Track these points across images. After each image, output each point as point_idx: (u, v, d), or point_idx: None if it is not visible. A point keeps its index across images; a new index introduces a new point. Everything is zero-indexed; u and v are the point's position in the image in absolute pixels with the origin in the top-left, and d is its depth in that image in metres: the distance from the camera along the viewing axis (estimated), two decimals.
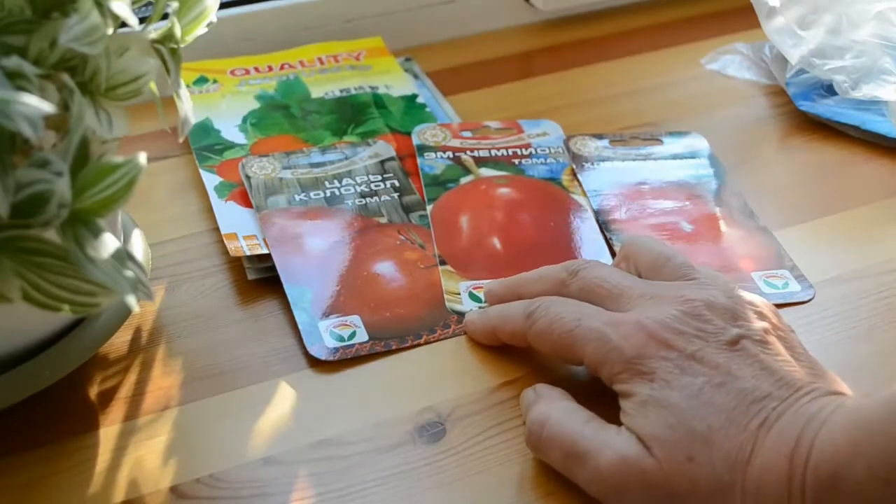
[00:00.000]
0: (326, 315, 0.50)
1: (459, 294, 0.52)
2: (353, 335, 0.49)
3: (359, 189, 0.57)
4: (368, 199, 0.57)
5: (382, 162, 0.59)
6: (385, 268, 0.53)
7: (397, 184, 0.58)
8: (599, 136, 0.62)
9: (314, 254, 0.53)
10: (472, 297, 0.52)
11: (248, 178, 0.57)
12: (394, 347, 0.49)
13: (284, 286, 0.51)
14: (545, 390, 0.45)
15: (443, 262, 0.53)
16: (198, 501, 0.42)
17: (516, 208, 0.57)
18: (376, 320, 0.50)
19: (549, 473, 0.43)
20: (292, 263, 0.52)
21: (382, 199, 0.57)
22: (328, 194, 0.57)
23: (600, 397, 0.44)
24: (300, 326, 0.50)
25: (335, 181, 0.58)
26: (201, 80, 0.66)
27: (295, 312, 0.50)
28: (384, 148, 0.60)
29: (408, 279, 0.52)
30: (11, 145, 0.35)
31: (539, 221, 0.57)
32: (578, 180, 0.59)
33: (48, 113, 0.33)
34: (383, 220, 0.56)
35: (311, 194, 0.57)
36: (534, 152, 0.61)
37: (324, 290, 0.51)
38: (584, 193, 0.58)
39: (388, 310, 0.51)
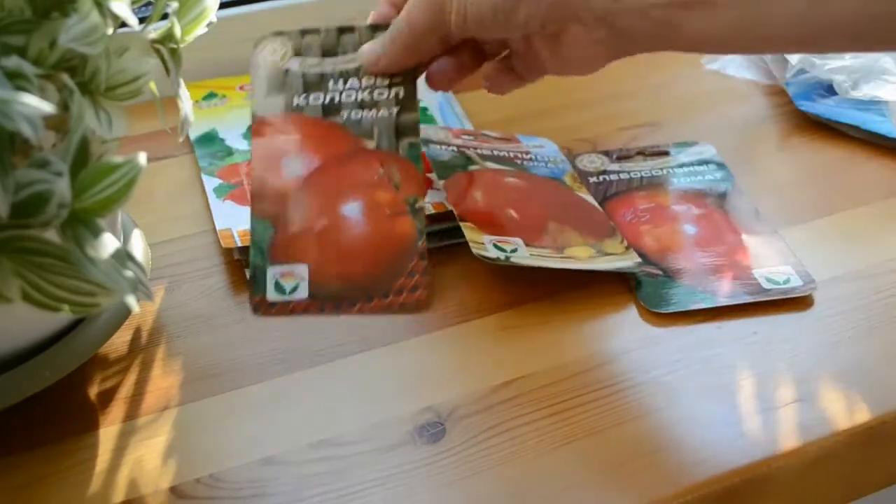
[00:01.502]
0: (277, 260, 0.51)
1: (484, 244, 0.52)
2: (294, 289, 0.50)
3: (360, 97, 0.55)
4: (364, 113, 0.55)
5: None
6: (351, 210, 0.53)
7: (401, 94, 0.55)
8: (605, 153, 0.63)
9: (289, 181, 0.53)
10: (497, 247, 0.52)
11: (256, 67, 0.55)
12: (327, 312, 0.50)
13: (251, 216, 0.52)
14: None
15: (462, 220, 0.54)
16: (198, 501, 0.42)
17: (526, 192, 0.58)
18: (322, 276, 0.51)
19: (550, 474, 0.43)
20: (266, 189, 0.52)
21: (380, 114, 0.55)
22: (327, 100, 0.55)
23: (592, 402, 0.44)
24: (250, 269, 0.50)
25: (340, 82, 0.55)
26: (210, 96, 0.67)
27: (251, 252, 0.51)
28: None
29: (368, 227, 0.52)
30: (11, 145, 0.35)
31: (550, 202, 0.57)
32: (583, 185, 0.59)
33: (48, 113, 0.33)
34: (371, 144, 0.54)
35: (311, 98, 0.55)
36: (534, 157, 0.61)
37: (284, 228, 0.52)
38: (589, 192, 0.59)
39: (339, 265, 0.51)
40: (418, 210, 0.53)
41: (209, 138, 0.63)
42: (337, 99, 0.55)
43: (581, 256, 0.53)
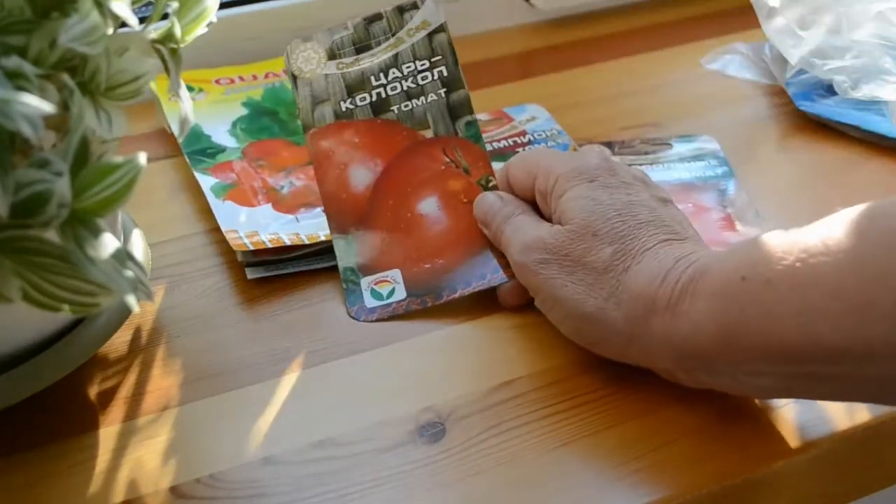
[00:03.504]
0: (368, 272, 0.51)
1: None
2: (391, 292, 0.51)
3: (405, 86, 0.55)
4: (415, 102, 0.55)
5: (431, 36, 0.56)
6: (428, 206, 0.53)
7: (445, 73, 0.56)
8: (608, 144, 0.62)
9: (358, 190, 0.53)
10: None
11: (294, 78, 0.55)
12: (429, 305, 0.51)
13: (332, 235, 0.53)
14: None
15: None
16: (197, 501, 0.42)
17: None
18: (415, 274, 0.51)
19: (549, 474, 0.43)
20: (340, 206, 0.53)
21: (429, 99, 0.55)
22: (374, 98, 0.55)
23: (591, 402, 0.44)
24: (344, 284, 0.51)
25: (381, 76, 0.55)
26: (187, 90, 0.66)
27: (340, 267, 0.52)
28: (431, 11, 0.56)
29: (450, 220, 0.53)
30: (11, 145, 0.35)
31: None
32: None
33: (48, 113, 0.33)
34: (429, 134, 0.55)
35: (358, 99, 0.55)
36: (532, 138, 0.61)
37: (367, 238, 0.52)
38: None
39: (428, 260, 0.52)
40: (492, 189, 0.53)
41: (194, 135, 0.62)
42: (383, 94, 0.55)
43: None
